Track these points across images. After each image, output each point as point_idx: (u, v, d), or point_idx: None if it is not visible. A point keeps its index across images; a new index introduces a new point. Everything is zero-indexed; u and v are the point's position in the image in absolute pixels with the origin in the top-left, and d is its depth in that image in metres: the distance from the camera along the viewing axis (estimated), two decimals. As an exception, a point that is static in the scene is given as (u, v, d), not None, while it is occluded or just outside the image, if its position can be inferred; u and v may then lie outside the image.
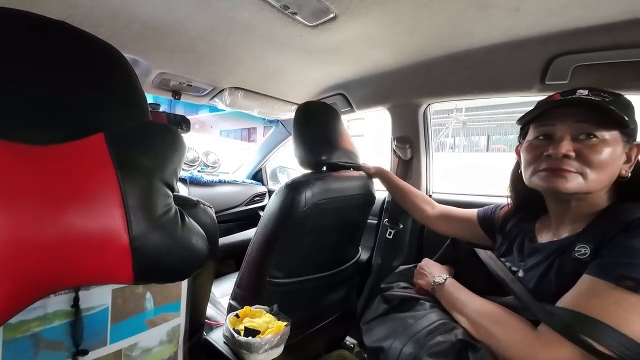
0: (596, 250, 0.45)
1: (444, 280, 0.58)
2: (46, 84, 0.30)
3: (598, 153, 0.47)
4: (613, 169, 0.48)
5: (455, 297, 0.55)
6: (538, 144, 0.53)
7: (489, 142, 13.23)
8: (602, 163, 0.47)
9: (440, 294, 0.58)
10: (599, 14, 0.66)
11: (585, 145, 0.48)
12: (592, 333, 0.38)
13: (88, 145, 0.30)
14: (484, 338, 0.47)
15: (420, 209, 0.89)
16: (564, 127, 0.50)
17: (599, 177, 0.47)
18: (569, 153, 0.48)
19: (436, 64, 0.96)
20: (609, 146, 0.47)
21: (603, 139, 0.47)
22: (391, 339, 0.53)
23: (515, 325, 0.45)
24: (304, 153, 0.85)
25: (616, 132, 0.47)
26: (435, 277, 0.60)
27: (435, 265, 0.65)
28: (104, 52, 0.35)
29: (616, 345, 0.36)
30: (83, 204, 0.28)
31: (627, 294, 0.38)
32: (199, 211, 0.45)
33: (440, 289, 0.58)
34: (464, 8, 0.67)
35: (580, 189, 0.48)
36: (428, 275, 0.63)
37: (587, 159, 0.47)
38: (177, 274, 0.37)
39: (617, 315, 0.38)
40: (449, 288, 0.57)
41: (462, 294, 0.55)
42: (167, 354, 0.44)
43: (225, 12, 0.69)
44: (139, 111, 0.36)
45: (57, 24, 0.32)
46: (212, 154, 1.65)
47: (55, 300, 0.33)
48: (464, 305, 0.52)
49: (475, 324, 0.49)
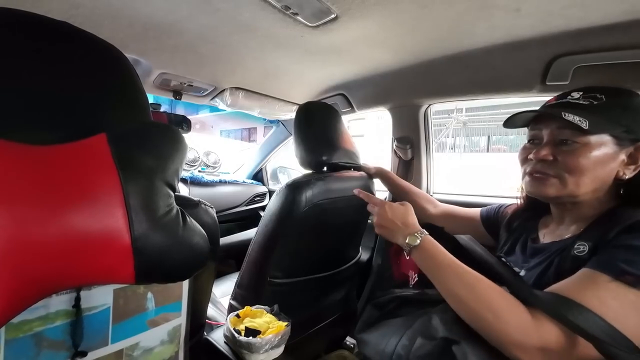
0: (594, 248, 0.45)
1: (421, 239, 0.53)
2: (48, 84, 0.30)
3: (577, 157, 0.47)
4: (600, 172, 0.47)
5: (439, 263, 0.50)
6: (528, 147, 0.55)
7: (489, 142, 13.23)
8: (582, 168, 0.47)
9: (417, 256, 0.53)
10: (600, 15, 0.66)
11: (564, 150, 0.49)
12: (578, 317, 0.37)
13: (90, 145, 0.30)
14: (472, 313, 0.44)
15: (422, 208, 0.89)
16: (548, 131, 0.51)
17: (578, 181, 0.48)
18: (546, 157, 0.49)
19: (437, 64, 0.96)
20: (591, 150, 0.47)
21: (585, 144, 0.47)
22: (385, 341, 0.53)
23: (510, 303, 0.42)
24: (305, 153, 0.85)
25: (605, 135, 0.47)
26: (412, 234, 0.54)
27: (407, 212, 0.60)
28: (106, 52, 0.35)
29: (603, 336, 0.36)
30: (85, 204, 0.28)
31: (625, 288, 0.38)
32: (200, 211, 0.45)
33: (419, 251, 0.53)
34: (465, 9, 0.67)
35: (559, 193, 0.49)
36: (401, 227, 0.57)
37: (564, 164, 0.48)
38: (179, 274, 0.37)
39: (614, 310, 0.38)
40: (430, 250, 0.52)
41: (446, 258, 0.50)
42: (168, 354, 0.44)
43: (226, 12, 0.69)
44: (141, 111, 0.36)
45: (58, 24, 0.32)
46: (213, 154, 1.65)
47: (57, 300, 0.33)
48: (450, 274, 0.48)
49: (464, 298, 0.45)
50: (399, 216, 0.59)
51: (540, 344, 0.39)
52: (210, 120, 13.98)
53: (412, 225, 0.58)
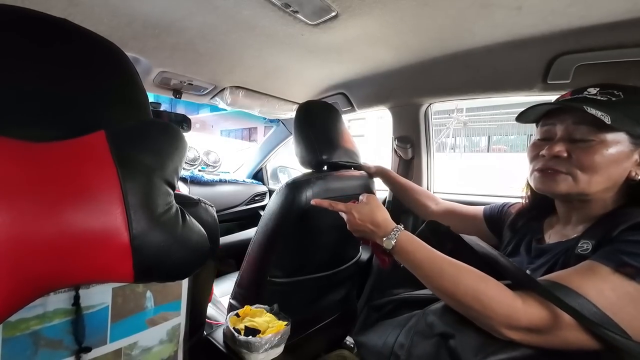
0: (597, 245, 0.44)
1: (395, 239, 0.52)
2: (47, 81, 0.30)
3: (592, 155, 0.46)
4: (614, 171, 0.46)
5: (418, 260, 0.50)
6: (538, 144, 0.53)
7: (489, 142, 13.24)
8: (596, 165, 0.46)
9: (397, 256, 0.53)
10: (603, 13, 0.66)
11: (579, 147, 0.47)
12: (572, 303, 0.37)
13: (89, 142, 0.30)
14: (460, 304, 0.44)
15: (424, 205, 0.88)
16: (562, 127, 0.50)
17: (591, 179, 0.47)
18: (559, 154, 0.48)
19: (438, 63, 0.96)
20: (607, 148, 0.46)
21: (602, 141, 0.46)
22: (381, 341, 0.53)
23: (494, 289, 0.43)
24: (305, 152, 0.85)
25: (622, 134, 0.46)
26: (387, 236, 0.54)
27: (372, 211, 0.58)
28: (105, 49, 0.35)
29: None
30: (83, 201, 0.27)
31: (625, 280, 0.38)
32: (200, 210, 0.45)
33: (396, 252, 0.53)
34: (466, 7, 0.67)
35: (570, 190, 0.48)
36: (373, 229, 0.57)
37: (578, 161, 0.47)
38: (178, 273, 0.36)
39: (611, 301, 0.38)
40: (405, 248, 0.52)
41: (424, 254, 0.50)
42: (167, 353, 0.44)
43: (226, 10, 0.69)
44: (140, 109, 0.36)
45: (57, 21, 0.32)
46: (213, 153, 1.65)
47: (55, 299, 0.32)
48: (431, 269, 0.48)
49: (449, 291, 0.45)
50: (366, 218, 0.58)
51: (528, 325, 0.40)
52: (211, 120, 14.00)
53: (383, 223, 0.57)
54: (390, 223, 0.57)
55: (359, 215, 0.59)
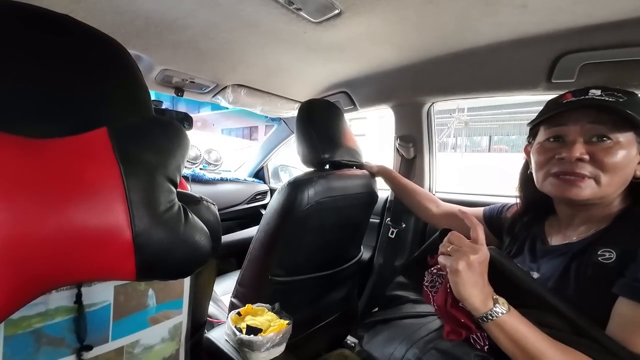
0: (622, 256, 0.43)
1: (505, 312, 0.43)
2: (48, 77, 0.29)
3: (612, 156, 0.45)
4: (627, 172, 0.46)
5: (523, 345, 0.41)
6: (549, 146, 0.51)
7: (490, 142, 13.21)
8: (617, 166, 0.45)
9: (494, 328, 0.43)
10: (608, 12, 0.65)
11: (599, 147, 0.46)
12: None
13: (91, 139, 0.29)
14: None
15: (425, 208, 0.88)
16: (577, 128, 0.48)
17: (612, 181, 0.46)
18: (582, 156, 0.46)
19: (441, 61, 0.95)
20: (623, 148, 0.45)
21: (617, 141, 0.45)
22: (394, 344, 0.52)
23: None
24: (307, 151, 0.84)
25: (630, 134, 0.46)
26: (495, 307, 0.43)
27: (478, 283, 0.44)
28: (108, 46, 0.34)
29: None
30: (85, 198, 0.27)
31: None
32: (202, 208, 0.45)
33: (500, 323, 0.42)
34: (471, 5, 0.66)
35: (594, 195, 0.47)
36: (483, 284, 0.45)
37: (601, 162, 0.46)
38: (180, 271, 0.36)
39: None
40: (515, 327, 0.42)
41: (532, 339, 0.41)
42: (169, 352, 0.44)
43: (228, 7, 0.68)
44: (143, 106, 0.36)
45: (60, 17, 0.31)
46: (214, 151, 1.65)
47: (57, 297, 0.32)
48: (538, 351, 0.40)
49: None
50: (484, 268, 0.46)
51: None
52: (212, 118, 14.02)
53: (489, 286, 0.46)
54: (493, 297, 0.44)
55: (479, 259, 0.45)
